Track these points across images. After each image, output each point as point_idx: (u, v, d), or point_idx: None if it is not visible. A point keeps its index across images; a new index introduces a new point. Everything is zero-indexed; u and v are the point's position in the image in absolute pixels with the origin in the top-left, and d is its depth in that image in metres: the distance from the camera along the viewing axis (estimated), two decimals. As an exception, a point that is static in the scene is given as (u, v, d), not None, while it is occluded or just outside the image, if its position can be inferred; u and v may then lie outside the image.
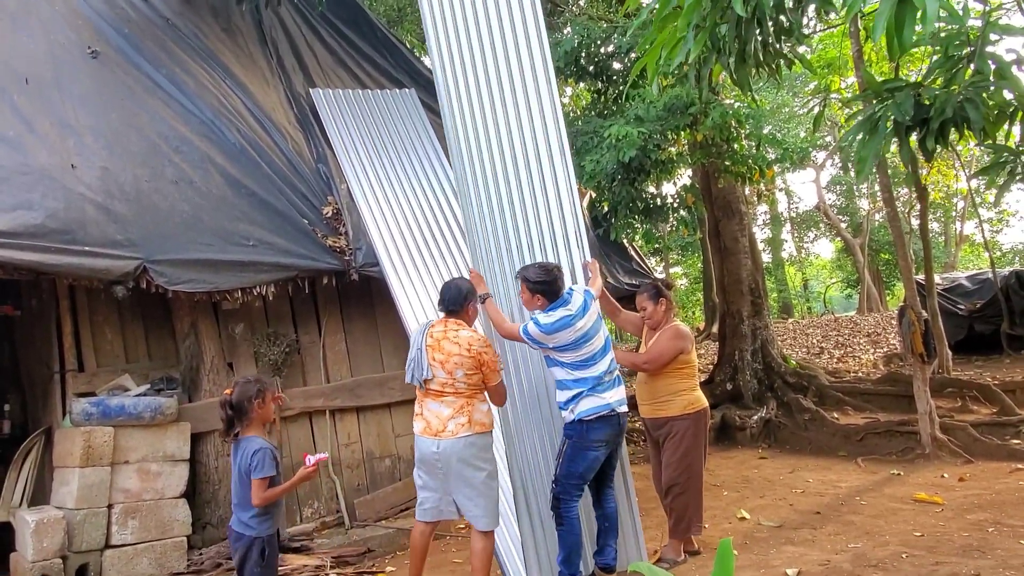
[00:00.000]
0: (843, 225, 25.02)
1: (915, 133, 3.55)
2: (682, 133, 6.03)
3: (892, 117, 3.52)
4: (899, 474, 6.24)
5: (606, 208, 6.58)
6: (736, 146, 6.24)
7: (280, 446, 5.38)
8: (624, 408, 3.98)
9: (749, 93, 4.08)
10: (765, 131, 6.06)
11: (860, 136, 3.71)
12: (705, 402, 4.51)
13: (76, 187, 4.66)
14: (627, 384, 4.22)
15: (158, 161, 5.16)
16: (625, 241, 6.97)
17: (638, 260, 7.00)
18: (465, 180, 4.11)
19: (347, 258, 5.49)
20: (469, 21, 4.29)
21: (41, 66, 5.20)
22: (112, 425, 4.60)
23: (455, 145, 4.14)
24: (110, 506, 4.53)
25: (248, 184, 5.44)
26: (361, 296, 5.91)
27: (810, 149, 6.54)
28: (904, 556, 4.22)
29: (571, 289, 3.98)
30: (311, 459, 3.52)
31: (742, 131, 6.17)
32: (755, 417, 8.14)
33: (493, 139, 4.21)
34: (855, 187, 26.37)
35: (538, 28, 4.33)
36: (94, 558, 4.42)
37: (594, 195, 7.05)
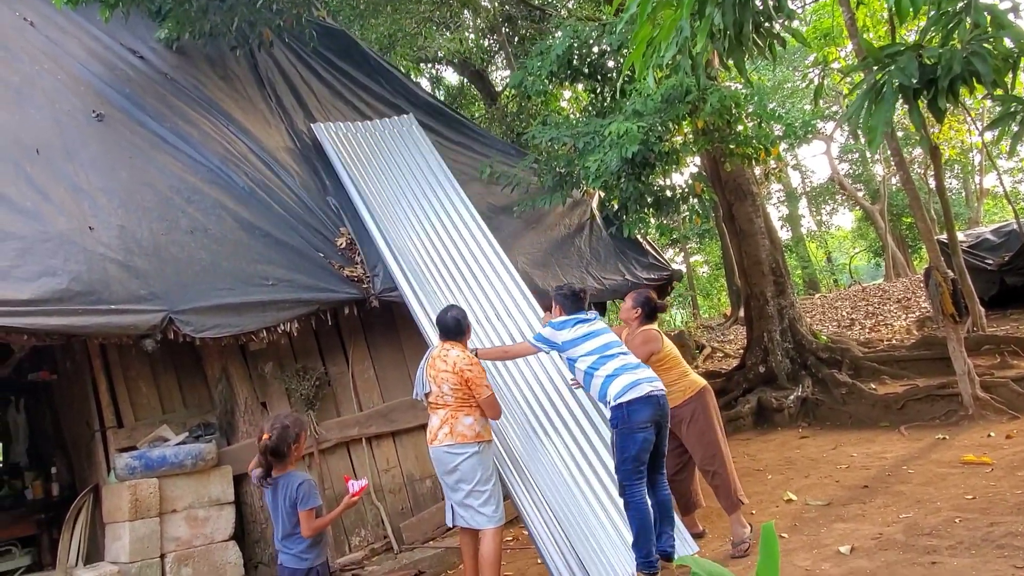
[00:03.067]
0: (860, 193, 24.71)
1: (923, 95, 3.51)
2: (683, 122, 6.01)
3: (897, 82, 3.49)
4: (944, 438, 6.14)
5: (616, 206, 6.58)
6: (739, 128, 6.21)
7: (320, 479, 5.44)
8: (662, 390, 4.14)
9: (745, 75, 4.08)
10: (768, 108, 6.00)
11: (865, 106, 3.68)
12: (701, 381, 4.77)
13: (96, 248, 4.76)
14: None
15: (172, 213, 5.27)
16: (639, 236, 6.96)
17: (654, 254, 6.99)
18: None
19: (365, 286, 5.55)
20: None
21: (49, 135, 5.34)
22: (156, 476, 4.68)
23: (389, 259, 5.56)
24: (163, 555, 4.60)
25: (261, 225, 5.53)
26: (384, 322, 5.97)
27: (814, 122, 6.47)
28: (957, 521, 4.16)
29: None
30: (354, 485, 3.56)
31: (743, 112, 6.15)
32: (791, 397, 8.06)
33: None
34: (868, 154, 26.07)
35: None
36: (152, 609, 4.49)
37: (602, 194, 7.06)
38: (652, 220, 6.39)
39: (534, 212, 6.64)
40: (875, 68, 3.76)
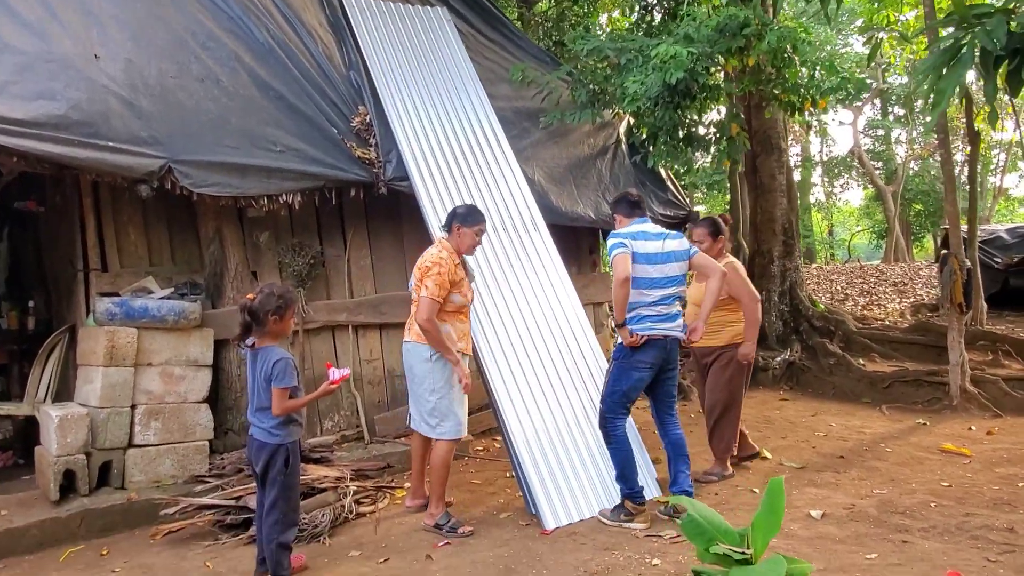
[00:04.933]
0: (877, 172, 24.31)
1: (1003, 64, 3.26)
2: (731, 57, 5.67)
3: (979, 45, 3.23)
4: (925, 424, 6.14)
5: (644, 134, 6.29)
6: (788, 73, 5.88)
7: (302, 358, 5.34)
8: (676, 334, 4.08)
9: (830, 19, 3.77)
10: (822, 56, 5.68)
11: (938, 66, 3.42)
12: None
13: (99, 78, 4.46)
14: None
15: (184, 56, 4.94)
16: (662, 170, 6.70)
17: (674, 191, 6.75)
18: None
19: (376, 171, 5.30)
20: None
21: (63, -52, 4.93)
22: (135, 327, 4.54)
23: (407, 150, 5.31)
24: (133, 406, 4.52)
25: (276, 87, 5.22)
26: (388, 211, 5.76)
27: (870, 81, 6.15)
28: (932, 505, 4.14)
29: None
30: (335, 373, 3.45)
31: (796, 57, 5.81)
32: (779, 359, 8.04)
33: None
34: (892, 133, 25.54)
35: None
36: (117, 456, 4.44)
37: (632, 120, 6.76)
38: (681, 155, 6.11)
39: (560, 126, 6.34)
40: (958, 28, 3.48)
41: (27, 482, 4.75)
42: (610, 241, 3.97)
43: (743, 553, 1.98)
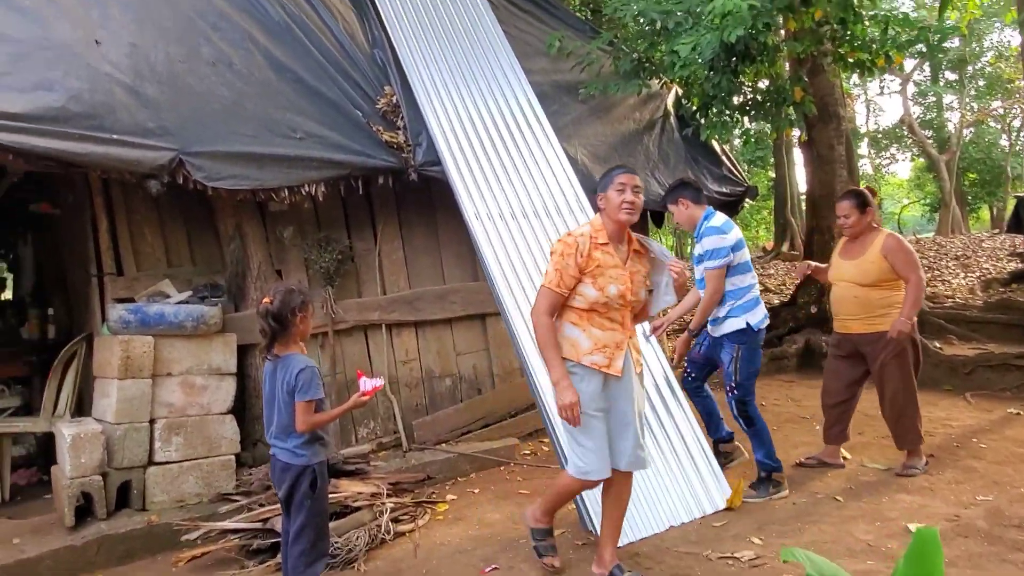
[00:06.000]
0: (928, 141, 23.15)
1: None
2: (793, 14, 5.09)
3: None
4: (1018, 414, 5.53)
5: (696, 104, 5.73)
6: (855, 29, 5.26)
7: (332, 362, 4.96)
8: None
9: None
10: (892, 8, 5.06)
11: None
12: None
13: (101, 66, 4.10)
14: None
15: (193, 38, 4.55)
16: (716, 143, 6.15)
17: (729, 165, 6.19)
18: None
19: (405, 155, 4.86)
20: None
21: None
22: (152, 334, 4.19)
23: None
24: (152, 421, 4.18)
25: (294, 68, 4.81)
26: (420, 199, 5.32)
27: (958, 26, 5.49)
28: (1054, 515, 3.59)
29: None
30: (367, 383, 3.04)
31: (864, 12, 5.19)
32: (844, 344, 7.46)
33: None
34: (944, 99, 24.29)
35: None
36: (137, 475, 4.11)
37: (680, 91, 6.21)
38: (738, 125, 5.55)
39: (603, 100, 5.83)
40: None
41: (49, 502, 4.47)
42: (716, 242, 3.96)
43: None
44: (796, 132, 9.30)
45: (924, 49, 5.16)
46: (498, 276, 4.34)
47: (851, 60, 5.35)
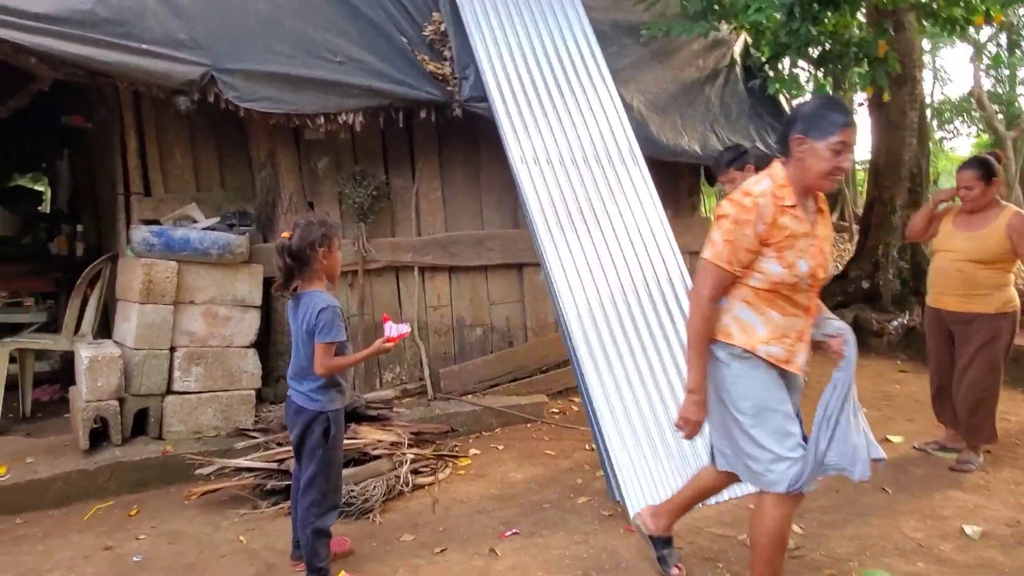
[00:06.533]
0: (997, 117, 21.93)
1: None
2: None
3: None
4: (1086, 413, 5.15)
5: (765, 55, 5.28)
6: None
7: (361, 302, 4.76)
8: None
9: None
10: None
11: None
12: (1017, 299, 3.98)
13: (132, -32, 3.83)
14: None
15: (230, -56, 4.25)
16: (783, 98, 5.69)
17: (796, 124, 5.74)
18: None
19: (451, 89, 4.55)
20: None
21: None
22: (176, 259, 4.03)
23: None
24: (172, 349, 4.05)
25: (338, -16, 4.48)
26: (463, 138, 5.02)
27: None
28: None
29: None
30: (392, 329, 2.81)
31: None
32: (895, 323, 7.06)
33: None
34: (1018, 72, 22.90)
35: None
36: (154, 403, 4.00)
37: (750, 39, 5.74)
38: (811, 79, 5.09)
39: (665, 43, 5.41)
40: None
41: (68, 421, 4.40)
42: None
43: None
44: (861, 95, 8.70)
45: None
46: (540, 225, 4.06)
47: (943, 16, 4.83)
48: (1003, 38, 21.41)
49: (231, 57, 3.92)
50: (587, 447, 4.38)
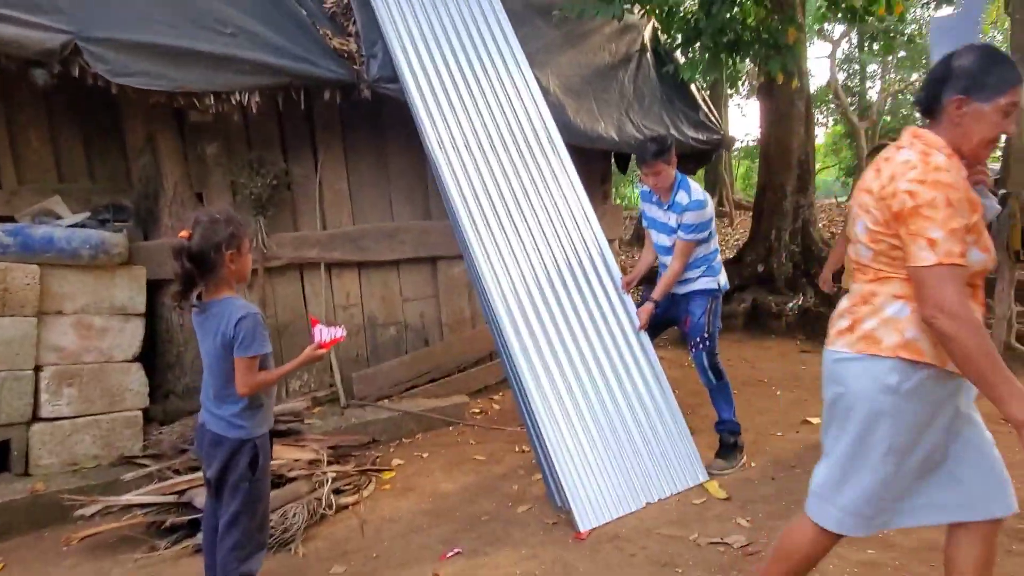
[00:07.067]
0: (851, 108, 23.63)
1: None
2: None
3: None
4: (969, 384, 5.46)
5: (677, 39, 5.21)
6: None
7: (263, 304, 4.29)
8: None
9: None
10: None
11: None
12: None
13: (-28, -85, 3.18)
14: None
15: None
16: (693, 87, 5.66)
17: (706, 110, 5.74)
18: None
19: (357, 68, 4.14)
20: None
21: None
22: (37, 262, 3.42)
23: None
24: (38, 368, 3.44)
25: (225, -52, 3.97)
26: (369, 122, 4.63)
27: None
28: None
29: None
30: (324, 333, 2.45)
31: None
32: (791, 304, 7.31)
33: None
34: (868, 66, 24.77)
35: None
36: (18, 433, 3.39)
37: (658, 25, 5.67)
38: (723, 66, 5.06)
39: (577, 26, 5.22)
40: None
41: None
42: (700, 216, 3.65)
43: None
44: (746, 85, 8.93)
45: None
46: (463, 213, 3.76)
47: (844, 5, 4.93)
48: (855, 36, 23.12)
49: (100, 24, 3.35)
50: (518, 448, 4.15)
